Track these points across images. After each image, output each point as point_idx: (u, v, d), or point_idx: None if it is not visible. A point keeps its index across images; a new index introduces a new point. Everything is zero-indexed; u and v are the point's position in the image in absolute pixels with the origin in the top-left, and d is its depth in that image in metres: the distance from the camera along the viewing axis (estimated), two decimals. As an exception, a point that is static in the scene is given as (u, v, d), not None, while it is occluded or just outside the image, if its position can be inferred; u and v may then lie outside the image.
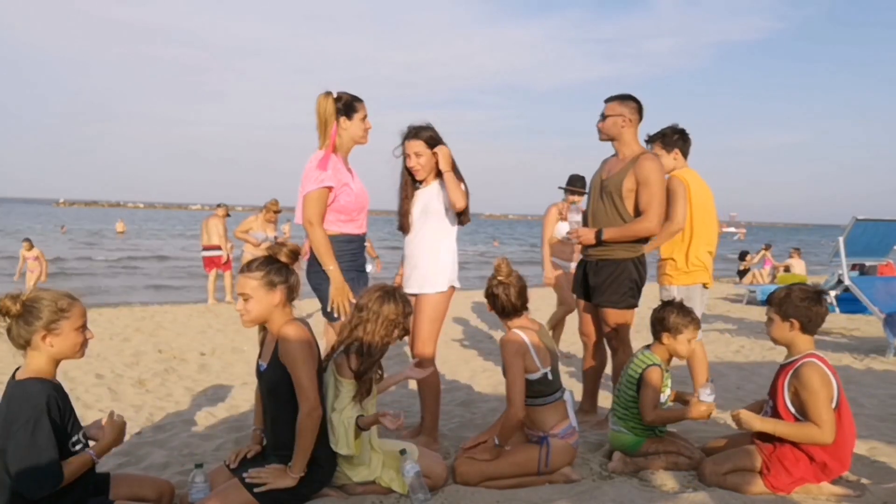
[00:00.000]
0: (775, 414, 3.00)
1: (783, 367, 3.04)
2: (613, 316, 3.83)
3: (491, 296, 3.22)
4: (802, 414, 2.89)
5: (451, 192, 3.50)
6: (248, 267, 2.77)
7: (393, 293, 2.96)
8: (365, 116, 3.43)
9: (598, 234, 3.78)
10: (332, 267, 3.28)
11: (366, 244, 3.58)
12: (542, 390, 3.11)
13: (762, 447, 3.02)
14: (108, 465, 3.25)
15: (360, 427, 2.85)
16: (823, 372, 2.87)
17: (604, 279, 3.82)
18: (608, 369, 4.20)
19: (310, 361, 2.68)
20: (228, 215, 11.10)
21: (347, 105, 3.38)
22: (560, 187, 6.45)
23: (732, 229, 75.34)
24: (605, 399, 4.35)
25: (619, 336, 3.86)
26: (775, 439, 2.97)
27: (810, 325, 2.97)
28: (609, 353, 4.05)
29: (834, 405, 2.88)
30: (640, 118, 3.83)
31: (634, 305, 3.85)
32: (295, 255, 2.80)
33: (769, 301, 3.09)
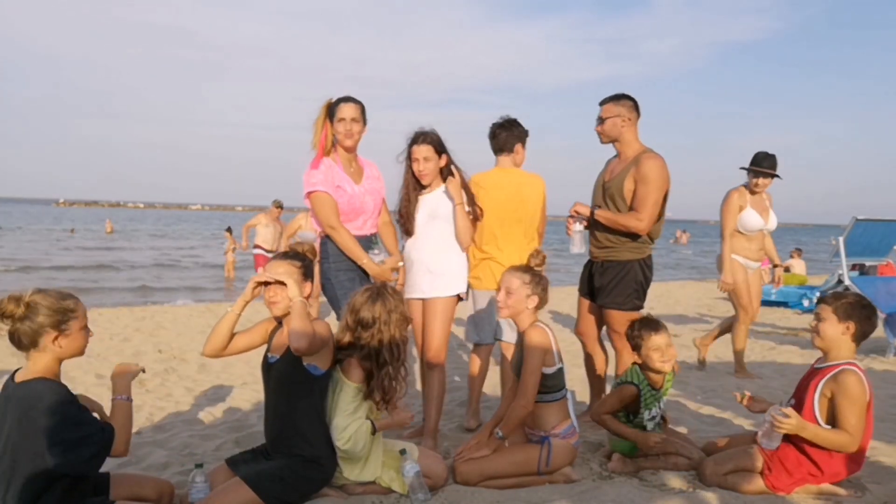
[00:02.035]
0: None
1: (817, 371, 2.99)
2: (618, 317, 3.80)
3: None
4: (829, 420, 2.86)
5: (459, 231, 3.57)
6: (285, 257, 2.83)
7: (381, 290, 2.95)
8: (342, 118, 3.42)
9: (593, 211, 3.78)
10: (365, 261, 3.42)
11: (374, 244, 3.59)
12: (553, 385, 3.12)
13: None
14: (108, 466, 3.24)
15: (375, 430, 2.87)
16: (864, 382, 2.86)
17: (609, 280, 3.80)
18: (611, 370, 4.20)
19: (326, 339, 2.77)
20: (281, 208, 10.65)
21: (331, 109, 3.46)
22: (743, 168, 5.34)
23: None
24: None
25: (623, 338, 3.84)
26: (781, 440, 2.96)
27: (861, 336, 2.94)
28: (610, 351, 4.04)
29: None
30: (638, 115, 3.80)
31: (639, 307, 3.83)
32: (315, 252, 2.97)
33: (824, 300, 2.97)
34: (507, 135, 4.00)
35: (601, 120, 3.80)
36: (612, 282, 3.78)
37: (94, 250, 26.22)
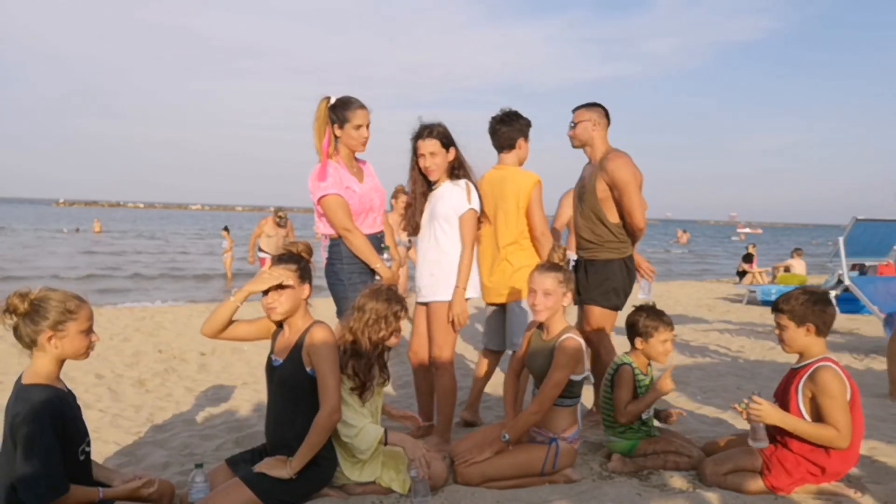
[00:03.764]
0: None
1: (796, 371, 3.00)
2: (595, 314, 3.83)
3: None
4: (816, 419, 2.85)
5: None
6: (279, 260, 2.82)
7: (381, 291, 2.98)
8: (360, 125, 3.38)
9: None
10: (378, 265, 3.41)
11: (385, 249, 3.57)
12: (577, 391, 3.12)
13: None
14: (108, 466, 3.25)
15: (385, 443, 2.87)
16: (840, 376, 2.85)
17: (590, 278, 3.86)
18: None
19: (337, 363, 2.75)
20: (279, 218, 10.55)
21: (339, 113, 3.39)
22: None
23: (747, 230, 74.40)
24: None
25: (599, 336, 3.85)
26: (777, 439, 2.96)
27: (825, 328, 2.95)
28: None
29: None
30: (608, 122, 3.86)
31: (618, 307, 3.84)
32: (310, 251, 2.93)
33: (778, 308, 3.00)
34: (507, 130, 3.84)
35: (573, 125, 3.88)
36: (594, 280, 3.83)
37: (76, 254, 24.43)
